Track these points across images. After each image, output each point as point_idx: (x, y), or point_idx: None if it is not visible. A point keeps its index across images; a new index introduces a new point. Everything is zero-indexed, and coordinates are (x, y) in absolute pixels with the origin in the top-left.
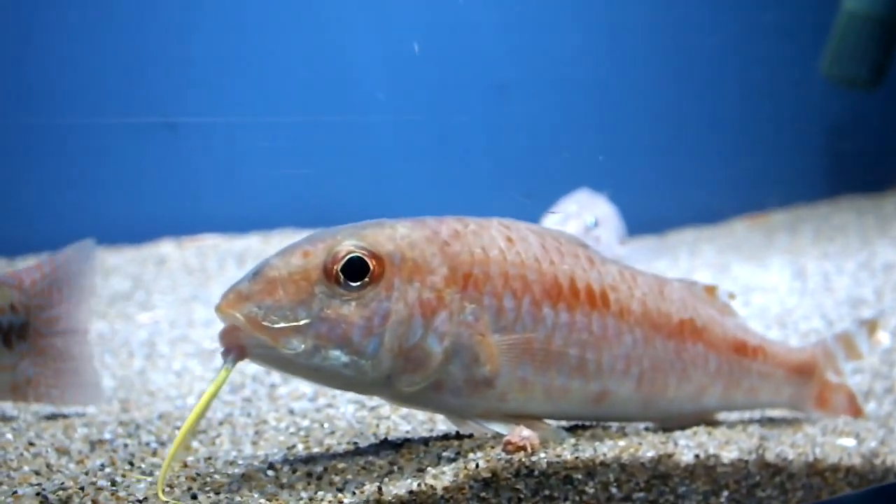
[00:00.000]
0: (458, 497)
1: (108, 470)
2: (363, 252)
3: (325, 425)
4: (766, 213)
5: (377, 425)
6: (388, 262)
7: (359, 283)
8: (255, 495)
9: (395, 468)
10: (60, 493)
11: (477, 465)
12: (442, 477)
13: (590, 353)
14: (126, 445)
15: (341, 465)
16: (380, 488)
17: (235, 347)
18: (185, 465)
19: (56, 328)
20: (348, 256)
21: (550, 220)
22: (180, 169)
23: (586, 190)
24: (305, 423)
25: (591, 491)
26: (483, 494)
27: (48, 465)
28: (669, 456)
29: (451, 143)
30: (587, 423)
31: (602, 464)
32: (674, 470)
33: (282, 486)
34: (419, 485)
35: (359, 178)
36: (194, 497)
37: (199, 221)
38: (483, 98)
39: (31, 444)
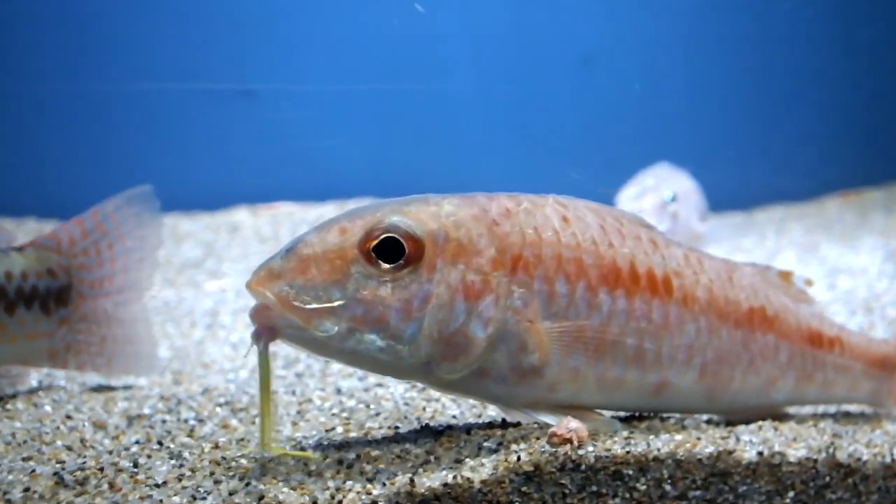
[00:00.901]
0: (496, 491)
1: (134, 449)
2: (399, 233)
3: (371, 406)
4: (860, 191)
5: (423, 408)
6: (430, 242)
7: (394, 265)
8: (279, 483)
9: (432, 458)
10: (79, 473)
11: (519, 458)
12: (480, 469)
13: (648, 343)
14: (164, 422)
15: (375, 453)
16: (412, 480)
17: (266, 328)
18: (217, 446)
19: (104, 290)
20: (382, 237)
21: (626, 195)
22: (257, 136)
23: (666, 164)
24: (351, 403)
25: (643, 488)
26: (525, 489)
27: (82, 441)
28: (730, 452)
29: (532, 115)
30: (645, 414)
31: (656, 459)
32: (734, 468)
33: (309, 474)
34: (455, 477)
35: (437, 148)
36: (217, 482)
37: (274, 189)
38: (567, 70)
39: (69, 416)
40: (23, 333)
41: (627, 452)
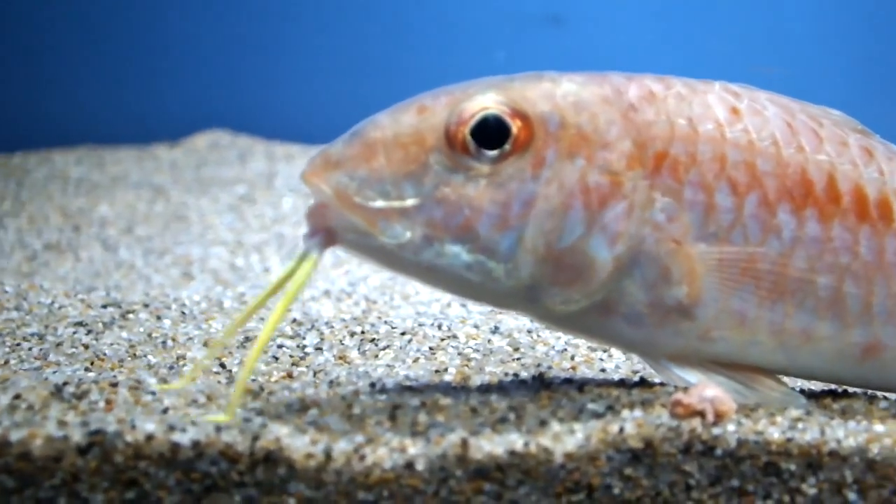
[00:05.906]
0: (587, 470)
1: (187, 368)
2: (502, 109)
3: (520, 350)
4: None
5: (573, 356)
6: (539, 126)
7: (495, 153)
8: (291, 428)
9: (513, 415)
10: (86, 386)
11: (622, 429)
12: (566, 438)
13: (852, 286)
14: (280, 346)
15: (445, 402)
16: (464, 441)
17: (323, 230)
18: (289, 376)
19: None
20: (481, 114)
21: None
22: (565, 64)
23: None
24: (500, 344)
25: (812, 492)
26: (629, 472)
27: (178, 358)
28: None
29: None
30: (853, 391)
31: (833, 454)
32: None
33: (349, 417)
34: (527, 444)
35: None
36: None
37: None
38: None
39: (184, 333)
40: None
41: (788, 440)
